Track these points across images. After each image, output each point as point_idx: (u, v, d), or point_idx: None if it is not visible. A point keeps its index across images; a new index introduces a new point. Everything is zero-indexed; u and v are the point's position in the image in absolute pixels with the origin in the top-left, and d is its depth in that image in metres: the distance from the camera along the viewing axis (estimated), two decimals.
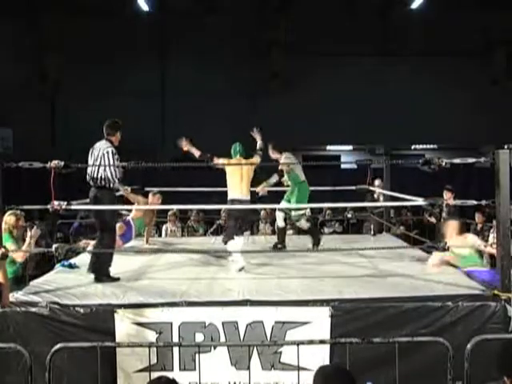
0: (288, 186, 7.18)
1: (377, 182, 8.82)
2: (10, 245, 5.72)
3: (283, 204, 7.05)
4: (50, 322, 4.37)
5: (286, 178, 7.12)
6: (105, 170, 5.24)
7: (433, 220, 9.50)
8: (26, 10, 17.72)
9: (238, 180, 6.16)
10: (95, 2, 17.75)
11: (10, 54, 17.54)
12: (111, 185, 5.33)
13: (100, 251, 5.34)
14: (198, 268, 6.05)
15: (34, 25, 18.14)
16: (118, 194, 7.74)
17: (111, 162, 5.23)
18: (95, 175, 5.27)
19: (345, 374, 2.44)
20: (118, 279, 5.26)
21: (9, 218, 5.80)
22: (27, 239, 5.79)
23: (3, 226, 5.74)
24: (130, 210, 8.31)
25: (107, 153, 5.28)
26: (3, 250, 4.27)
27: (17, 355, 3.66)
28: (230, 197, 6.19)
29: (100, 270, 5.28)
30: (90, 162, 5.33)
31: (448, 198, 8.44)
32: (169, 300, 4.50)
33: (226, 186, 6.41)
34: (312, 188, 7.55)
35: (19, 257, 5.78)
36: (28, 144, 16.36)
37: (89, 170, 5.34)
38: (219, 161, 6.27)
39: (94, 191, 5.33)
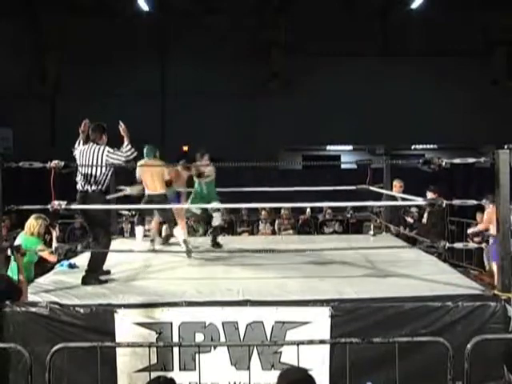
0: None
1: (395, 182, 8.55)
2: (41, 247, 5.81)
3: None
4: (49, 321, 4.36)
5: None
6: (102, 170, 5.19)
7: (410, 220, 9.32)
8: (26, 9, 17.73)
9: (150, 178, 6.77)
10: (95, 2, 17.75)
11: (9, 54, 17.53)
12: (103, 187, 5.26)
13: (97, 251, 5.32)
14: (198, 268, 6.05)
15: (33, 25, 18.16)
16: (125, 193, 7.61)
17: (120, 154, 5.25)
18: (94, 175, 5.17)
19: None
20: (105, 281, 5.19)
21: (36, 222, 5.85)
22: (54, 241, 5.87)
23: (30, 229, 5.80)
24: (129, 210, 8.32)
25: (108, 151, 5.24)
26: (22, 248, 4.22)
27: (17, 355, 3.66)
28: (146, 192, 6.87)
29: (91, 272, 5.22)
30: (82, 163, 5.24)
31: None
32: (169, 300, 4.50)
33: (225, 187, 6.56)
34: (312, 188, 7.57)
35: (53, 258, 5.88)
36: (28, 144, 16.37)
37: (85, 171, 5.23)
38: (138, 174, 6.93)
39: (85, 195, 5.22)
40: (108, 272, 5.49)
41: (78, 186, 5.28)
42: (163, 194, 6.76)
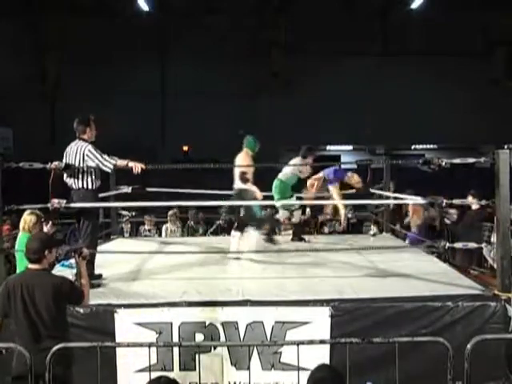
0: None
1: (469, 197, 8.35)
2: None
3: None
4: None
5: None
6: (86, 172, 5.06)
7: (448, 222, 9.20)
8: (26, 10, 17.75)
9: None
10: (95, 2, 17.77)
11: (9, 54, 17.55)
12: (94, 186, 5.12)
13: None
14: (198, 268, 6.04)
15: (33, 25, 18.19)
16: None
17: (99, 158, 5.03)
18: (79, 177, 5.05)
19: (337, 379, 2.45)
20: (98, 286, 5.00)
21: (28, 218, 5.53)
22: None
23: (23, 226, 5.55)
24: (129, 210, 8.29)
25: (89, 151, 5.04)
26: (84, 250, 4.10)
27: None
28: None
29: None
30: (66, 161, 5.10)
31: (471, 202, 7.91)
32: (169, 300, 4.50)
33: (226, 187, 6.78)
34: None
35: None
36: (28, 144, 16.40)
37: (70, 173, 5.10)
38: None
39: (73, 192, 5.11)
40: (99, 276, 5.25)
41: (70, 185, 5.17)
42: (238, 188, 6.52)
